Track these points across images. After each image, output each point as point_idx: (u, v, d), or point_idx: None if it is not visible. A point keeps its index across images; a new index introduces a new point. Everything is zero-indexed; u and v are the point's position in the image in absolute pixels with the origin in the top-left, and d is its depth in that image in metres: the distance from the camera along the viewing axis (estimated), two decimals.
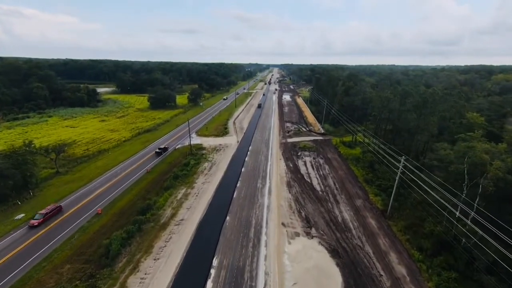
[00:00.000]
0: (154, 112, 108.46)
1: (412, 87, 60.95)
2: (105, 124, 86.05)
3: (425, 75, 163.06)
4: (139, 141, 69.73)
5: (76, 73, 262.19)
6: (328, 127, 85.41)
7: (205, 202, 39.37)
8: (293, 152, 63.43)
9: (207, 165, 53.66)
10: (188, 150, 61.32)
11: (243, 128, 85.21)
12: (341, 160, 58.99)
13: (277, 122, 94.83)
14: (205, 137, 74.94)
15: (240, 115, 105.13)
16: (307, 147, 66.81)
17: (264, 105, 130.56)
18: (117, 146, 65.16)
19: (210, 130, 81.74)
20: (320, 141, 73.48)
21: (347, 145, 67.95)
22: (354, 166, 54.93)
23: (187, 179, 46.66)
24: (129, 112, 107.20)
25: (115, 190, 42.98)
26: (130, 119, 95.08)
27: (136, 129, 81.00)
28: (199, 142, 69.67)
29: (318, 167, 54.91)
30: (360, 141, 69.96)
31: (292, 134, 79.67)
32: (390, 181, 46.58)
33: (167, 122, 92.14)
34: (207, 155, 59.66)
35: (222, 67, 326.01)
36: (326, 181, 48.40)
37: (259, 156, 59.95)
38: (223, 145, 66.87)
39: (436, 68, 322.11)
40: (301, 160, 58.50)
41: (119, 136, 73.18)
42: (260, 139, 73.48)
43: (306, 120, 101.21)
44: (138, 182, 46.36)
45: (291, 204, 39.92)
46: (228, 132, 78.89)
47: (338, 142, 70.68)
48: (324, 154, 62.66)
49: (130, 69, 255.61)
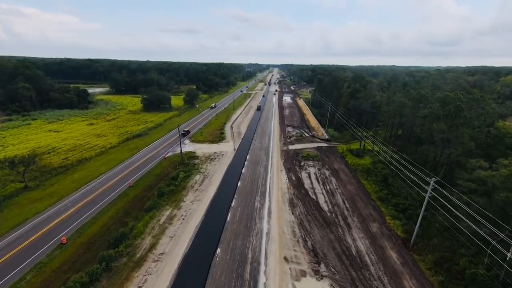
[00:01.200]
0: (147, 115, 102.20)
1: (428, 90, 54.81)
2: (92, 128, 79.76)
3: (430, 77, 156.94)
4: (127, 148, 63.44)
5: (72, 73, 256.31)
6: (333, 132, 79.23)
7: (192, 227, 33.11)
8: (296, 162, 57.21)
9: (198, 178, 47.39)
10: (179, 160, 55.08)
11: (241, 133, 78.98)
12: (349, 172, 52.78)
13: (278, 126, 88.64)
14: (199, 143, 68.69)
15: (238, 118, 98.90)
16: (311, 156, 60.61)
17: (264, 107, 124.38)
18: (101, 154, 58.87)
19: (205, 136, 75.50)
20: (325, 148, 67.27)
21: (354, 153, 61.74)
22: (364, 180, 48.72)
23: (174, 196, 40.38)
24: (120, 115, 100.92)
25: (88, 211, 36.70)
26: (120, 122, 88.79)
27: (125, 134, 74.73)
28: (192, 149, 63.42)
29: (324, 180, 48.70)
30: (369, 149, 63.77)
31: (294, 140, 73.45)
32: (408, 200, 40.41)
33: (159, 126, 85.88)
34: (199, 165, 53.42)
35: (221, 67, 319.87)
36: (334, 199, 42.17)
37: (257, 166, 53.71)
38: (218, 153, 60.62)
39: (438, 68, 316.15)
40: (304, 172, 52.28)
41: (105, 142, 66.89)
42: (259, 146, 67.24)
43: (308, 124, 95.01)
44: (118, 200, 40.07)
45: (295, 230, 33.70)
46: (224, 138, 72.64)
47: (344, 150, 64.47)
48: (330, 164, 56.45)
49: (127, 68, 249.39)
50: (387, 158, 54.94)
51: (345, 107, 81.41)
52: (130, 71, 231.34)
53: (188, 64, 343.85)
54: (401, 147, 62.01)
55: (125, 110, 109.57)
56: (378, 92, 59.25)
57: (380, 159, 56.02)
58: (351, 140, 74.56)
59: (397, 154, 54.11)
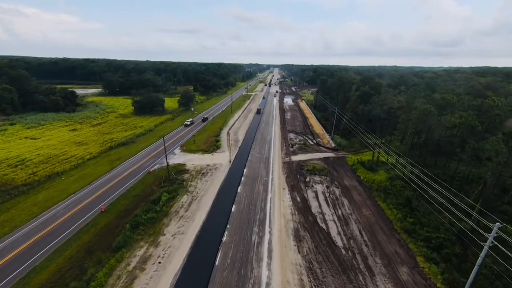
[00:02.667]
0: (137, 119, 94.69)
1: (454, 95, 47.34)
2: (74, 135, 72.22)
3: (439, 78, 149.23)
4: (108, 160, 55.89)
5: (67, 73, 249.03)
6: (340, 140, 71.62)
7: (169, 277, 25.55)
8: (300, 177, 49.66)
9: (185, 200, 39.81)
10: (165, 175, 47.54)
11: (238, 140, 71.41)
12: (363, 191, 45.18)
13: (279, 132, 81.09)
14: (191, 153, 61.13)
15: (236, 123, 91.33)
16: (317, 169, 53.05)
17: (264, 110, 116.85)
18: (76, 167, 51.33)
19: (198, 144, 67.94)
20: (332, 159, 59.69)
21: (367, 166, 54.15)
22: (382, 202, 41.11)
23: (152, 227, 32.81)
24: (108, 119, 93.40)
25: (41, 249, 29.16)
26: (107, 127, 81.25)
27: (110, 141, 67.18)
28: (182, 161, 55.88)
29: (334, 202, 41.14)
30: (383, 161, 56.20)
31: (297, 149, 65.87)
32: (441, 232, 32.81)
33: (149, 132, 78.32)
34: (188, 182, 45.85)
35: (220, 67, 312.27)
36: (349, 229, 34.60)
37: (256, 183, 46.14)
38: (211, 166, 53.05)
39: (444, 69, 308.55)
40: (311, 190, 44.71)
41: (85, 152, 59.38)
42: (258, 156, 59.68)
43: (312, 129, 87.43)
44: (83, 231, 32.51)
45: (303, 279, 26.14)
46: (219, 147, 65.06)
47: (354, 161, 56.88)
48: (340, 180, 48.89)
49: (123, 69, 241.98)
50: (405, 173, 47.57)
51: (353, 112, 73.83)
52: (126, 71, 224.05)
53: (187, 64, 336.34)
54: (418, 158, 54.54)
55: (115, 114, 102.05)
56: (397, 97, 51.60)
57: (398, 174, 48.55)
58: (360, 149, 67.02)
59: (415, 167, 46.70)
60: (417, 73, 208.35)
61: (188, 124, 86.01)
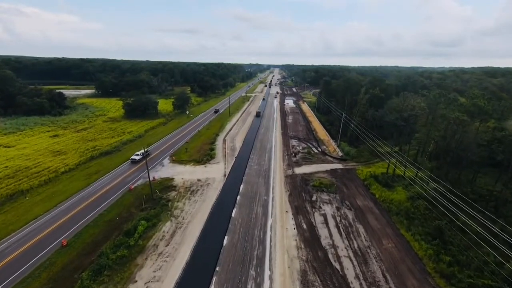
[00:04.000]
0: (127, 123, 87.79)
1: (484, 100, 40.49)
2: (54, 142, 65.31)
3: (447, 78, 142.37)
4: (85, 173, 49.01)
5: (61, 73, 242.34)
6: (348, 148, 64.64)
7: None
8: (305, 196, 42.76)
9: (168, 228, 32.91)
10: (147, 195, 40.66)
11: (235, 148, 64.49)
12: (380, 214, 38.26)
13: (280, 139, 74.17)
14: (182, 164, 54.25)
15: (234, 128, 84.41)
16: (325, 185, 46.13)
17: (264, 113, 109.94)
18: (47, 183, 44.46)
19: (191, 153, 61.05)
20: (341, 172, 52.78)
21: (381, 181, 47.18)
22: (406, 230, 34.15)
23: (121, 271, 25.87)
24: (96, 123, 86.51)
25: None
26: (92, 133, 74.32)
27: (92, 150, 60.30)
28: (170, 174, 49.01)
29: (347, 230, 34.24)
30: (400, 175, 49.26)
31: (301, 160, 58.96)
32: (488, 277, 25.88)
33: (138, 139, 71.42)
34: (174, 202, 38.96)
35: (220, 67, 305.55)
36: (369, 269, 27.67)
37: (254, 205, 39.23)
38: (203, 182, 46.15)
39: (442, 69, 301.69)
40: (318, 213, 37.82)
41: (61, 163, 52.52)
42: (257, 168, 52.77)
43: (316, 135, 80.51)
44: (33, 276, 25.57)
45: None
46: (214, 157, 58.13)
47: (366, 175, 49.94)
48: (352, 200, 41.98)
49: (119, 68, 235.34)
50: (427, 190, 40.70)
51: (361, 117, 66.93)
52: (122, 71, 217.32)
53: (186, 64, 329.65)
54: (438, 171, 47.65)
55: (104, 117, 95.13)
56: (418, 103, 44.65)
57: (419, 192, 41.60)
58: (371, 159, 60.14)
59: (437, 182, 39.87)
60: (422, 73, 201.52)
61: (136, 160, 53.28)
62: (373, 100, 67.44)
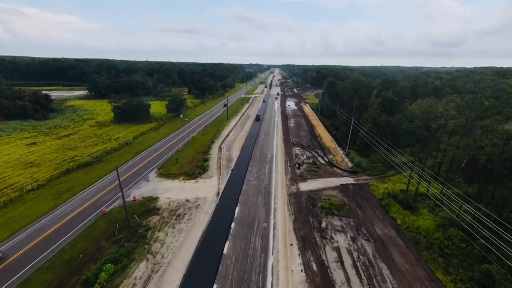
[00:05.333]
0: (116, 128, 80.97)
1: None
2: (29, 152, 58.44)
3: (457, 79, 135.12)
4: (56, 191, 42.08)
5: (56, 74, 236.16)
6: (357, 157, 57.55)
7: None
8: (313, 221, 35.78)
9: (142, 272, 25.91)
10: (120, 223, 33.71)
11: (232, 159, 57.49)
12: (406, 247, 31.23)
13: (282, 146, 67.17)
14: (170, 178, 47.30)
15: (231, 134, 77.41)
16: (335, 206, 39.15)
17: (264, 117, 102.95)
18: (6, 205, 37.55)
19: (181, 164, 54.13)
20: (352, 188, 45.78)
21: (402, 202, 40.05)
22: (442, 273, 27.06)
23: None
24: (82, 128, 79.66)
25: None
26: (75, 140, 67.41)
27: (70, 161, 53.46)
28: (154, 192, 42.04)
29: (368, 272, 27.21)
30: (423, 193, 42.17)
31: (306, 172, 51.97)
32: None
33: (125, 147, 64.49)
34: (155, 232, 32.03)
35: (219, 67, 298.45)
36: None
37: (251, 235, 32.25)
38: (192, 202, 39.19)
39: (444, 69, 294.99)
40: (330, 246, 30.83)
41: (31, 177, 45.66)
42: (256, 184, 45.78)
43: (321, 141, 73.50)
44: None
45: None
46: (207, 169, 51.14)
47: (383, 193, 42.89)
48: (369, 227, 34.98)
49: (115, 69, 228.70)
50: (461, 214, 33.74)
51: (373, 123, 59.88)
52: (118, 71, 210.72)
53: (184, 64, 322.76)
54: (464, 186, 40.65)
55: (92, 121, 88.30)
56: (445, 109, 37.56)
57: (451, 217, 34.56)
58: (385, 171, 53.19)
59: (468, 202, 32.96)
60: (428, 73, 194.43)
61: None
62: (385, 104, 60.41)
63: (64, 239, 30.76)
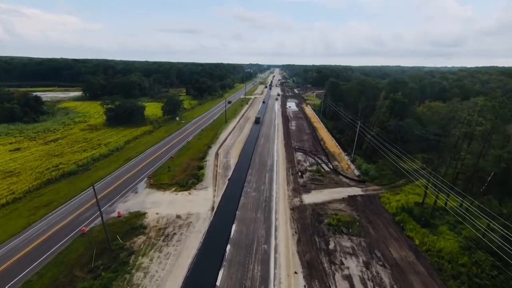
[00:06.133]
0: (108, 132, 76.82)
1: None
2: (11, 159, 54.31)
3: (464, 79, 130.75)
4: (32, 205, 37.90)
5: (53, 74, 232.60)
6: (365, 165, 53.30)
7: None
8: (320, 241, 31.58)
9: None
10: (99, 245, 29.51)
11: (229, 166, 53.28)
12: (429, 275, 26.95)
13: (283, 152, 62.98)
14: (161, 189, 43.12)
15: (229, 138, 73.22)
16: (343, 222, 34.97)
17: (264, 119, 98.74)
18: None
19: (174, 172, 49.95)
20: (361, 201, 41.57)
21: (419, 218, 35.79)
22: None
23: None
24: (72, 132, 75.49)
25: None
26: (62, 146, 63.24)
27: (54, 169, 49.32)
28: (142, 207, 37.84)
29: None
30: (441, 207, 37.93)
31: (309, 181, 47.76)
32: None
33: (115, 152, 60.36)
34: (139, 257, 27.84)
35: (218, 67, 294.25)
36: None
37: (250, 261, 28.01)
38: (183, 219, 35.01)
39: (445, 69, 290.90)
40: (340, 274, 26.61)
41: (7, 189, 41.51)
42: (255, 196, 41.58)
43: (324, 146, 69.29)
44: None
45: None
46: (201, 179, 46.96)
47: (396, 206, 38.67)
48: (383, 248, 30.76)
49: (113, 69, 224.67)
50: (487, 234, 29.51)
51: (381, 127, 55.64)
52: (115, 72, 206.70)
53: (183, 64, 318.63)
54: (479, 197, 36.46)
55: (83, 124, 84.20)
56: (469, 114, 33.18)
57: (477, 237, 30.33)
58: (395, 179, 49.03)
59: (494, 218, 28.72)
60: (431, 73, 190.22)
61: None
62: (394, 106, 56.22)
63: (33, 266, 26.60)
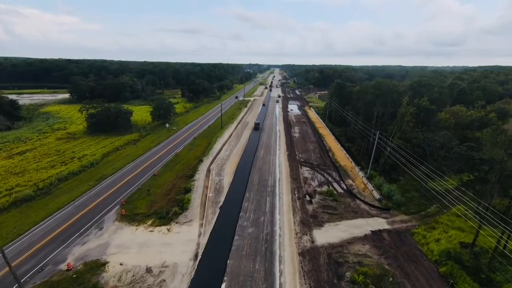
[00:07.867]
0: (87, 141, 67.61)
1: None
2: None
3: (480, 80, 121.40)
4: None
5: (44, 75, 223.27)
6: (386, 185, 44.10)
7: None
8: None
9: None
10: None
11: (222, 188, 44.05)
12: None
13: (286, 166, 53.83)
14: (133, 223, 33.93)
15: (224, 149, 64.00)
16: (371, 278, 25.76)
17: (264, 125, 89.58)
18: None
19: (154, 197, 40.74)
20: (389, 240, 32.31)
21: (474, 270, 26.63)
22: None
23: None
24: (46, 142, 66.22)
25: None
26: (27, 160, 54.01)
27: (6, 193, 40.14)
28: (103, 252, 28.61)
29: None
30: (501, 252, 28.74)
31: (320, 209, 38.56)
32: None
33: (89, 168, 51.22)
34: None
35: (217, 68, 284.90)
36: None
37: None
38: (154, 275, 25.76)
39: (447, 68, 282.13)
40: None
41: None
42: (252, 234, 32.32)
43: (333, 158, 60.10)
44: None
45: None
46: (187, 207, 37.73)
47: (438, 250, 29.48)
48: None
49: (106, 70, 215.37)
50: None
51: (404, 138, 46.40)
52: (109, 72, 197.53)
53: (181, 64, 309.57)
54: None
55: (62, 132, 74.96)
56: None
57: None
58: (425, 205, 39.87)
59: None
60: (441, 73, 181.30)
61: None
62: (418, 114, 47.11)
63: None
